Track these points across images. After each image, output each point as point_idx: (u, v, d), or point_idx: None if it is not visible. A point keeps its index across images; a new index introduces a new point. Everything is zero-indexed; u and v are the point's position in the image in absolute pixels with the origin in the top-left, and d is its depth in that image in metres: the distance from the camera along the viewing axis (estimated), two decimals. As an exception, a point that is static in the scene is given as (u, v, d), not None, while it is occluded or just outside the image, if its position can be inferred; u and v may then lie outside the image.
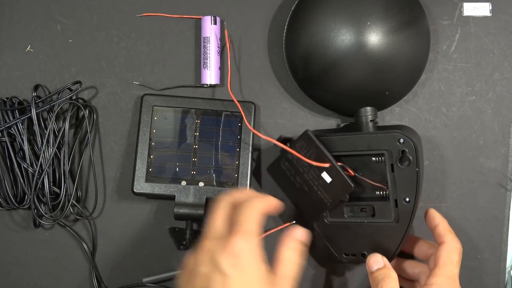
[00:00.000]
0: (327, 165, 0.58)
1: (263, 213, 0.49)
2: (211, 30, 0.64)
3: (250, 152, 0.62)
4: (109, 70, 0.66)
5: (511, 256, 0.65)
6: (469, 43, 0.65)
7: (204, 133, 0.63)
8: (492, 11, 0.65)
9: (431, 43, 0.63)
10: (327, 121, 0.66)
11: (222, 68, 0.65)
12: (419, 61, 0.62)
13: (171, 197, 0.62)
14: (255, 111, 0.63)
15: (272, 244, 0.50)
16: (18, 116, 0.62)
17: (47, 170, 0.61)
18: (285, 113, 0.66)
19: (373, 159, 0.59)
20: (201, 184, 0.62)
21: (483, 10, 0.65)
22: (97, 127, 0.65)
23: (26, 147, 0.61)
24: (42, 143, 0.61)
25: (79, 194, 0.65)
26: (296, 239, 0.51)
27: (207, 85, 0.64)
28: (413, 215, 0.58)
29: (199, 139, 0.63)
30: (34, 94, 0.63)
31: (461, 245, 0.56)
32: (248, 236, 0.47)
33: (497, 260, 0.65)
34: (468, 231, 0.65)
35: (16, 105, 0.63)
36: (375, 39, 0.58)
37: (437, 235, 0.57)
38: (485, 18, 0.65)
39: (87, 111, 0.64)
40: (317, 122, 0.66)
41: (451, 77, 0.65)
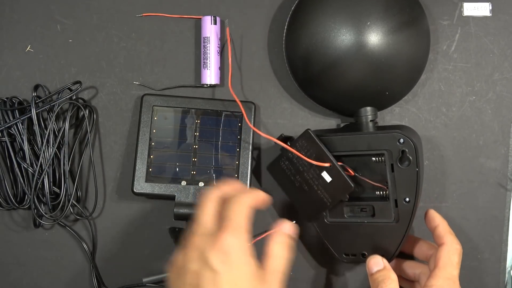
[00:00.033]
0: (328, 164, 0.58)
1: (252, 208, 0.49)
2: (211, 30, 0.64)
3: (250, 152, 0.62)
4: (109, 70, 0.66)
5: (511, 256, 0.65)
6: (469, 43, 0.65)
7: (204, 133, 0.63)
8: (492, 11, 0.65)
9: (431, 43, 0.63)
10: (327, 121, 0.66)
11: (222, 68, 0.65)
12: (419, 61, 0.62)
13: (171, 197, 0.62)
14: (255, 111, 0.63)
15: (261, 239, 0.50)
16: (18, 116, 0.62)
17: (47, 170, 0.61)
18: (285, 113, 0.66)
19: (373, 159, 0.59)
20: (201, 184, 0.62)
21: (483, 10, 0.65)
22: (97, 127, 0.65)
23: (26, 147, 0.61)
24: (42, 143, 0.61)
25: (79, 194, 0.65)
26: (284, 233, 0.51)
27: (207, 85, 0.64)
28: (413, 215, 0.58)
29: (199, 139, 0.63)
30: (34, 94, 0.63)
31: (461, 246, 0.56)
32: (237, 232, 0.46)
33: (497, 260, 0.65)
34: (468, 231, 0.65)
35: (16, 105, 0.63)
36: (375, 39, 0.58)
37: (437, 236, 0.57)
38: (485, 18, 0.65)
39: (87, 111, 0.64)
40: (317, 122, 0.66)
41: (451, 77, 0.65)
